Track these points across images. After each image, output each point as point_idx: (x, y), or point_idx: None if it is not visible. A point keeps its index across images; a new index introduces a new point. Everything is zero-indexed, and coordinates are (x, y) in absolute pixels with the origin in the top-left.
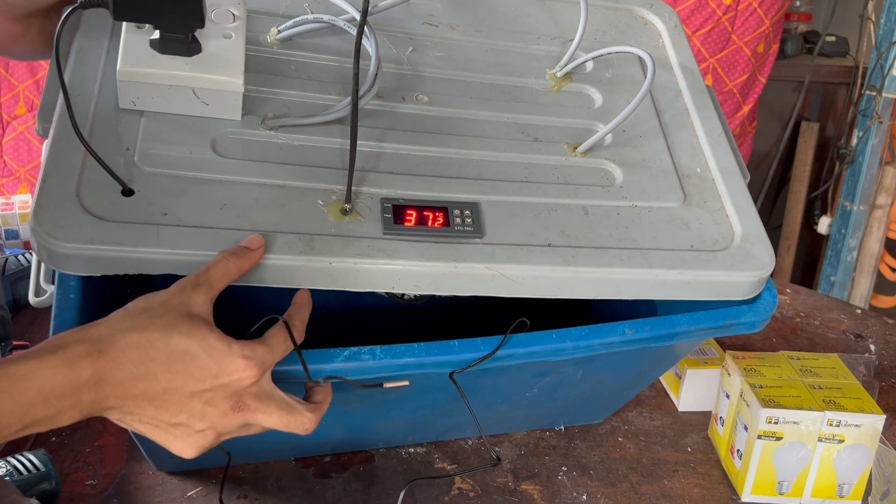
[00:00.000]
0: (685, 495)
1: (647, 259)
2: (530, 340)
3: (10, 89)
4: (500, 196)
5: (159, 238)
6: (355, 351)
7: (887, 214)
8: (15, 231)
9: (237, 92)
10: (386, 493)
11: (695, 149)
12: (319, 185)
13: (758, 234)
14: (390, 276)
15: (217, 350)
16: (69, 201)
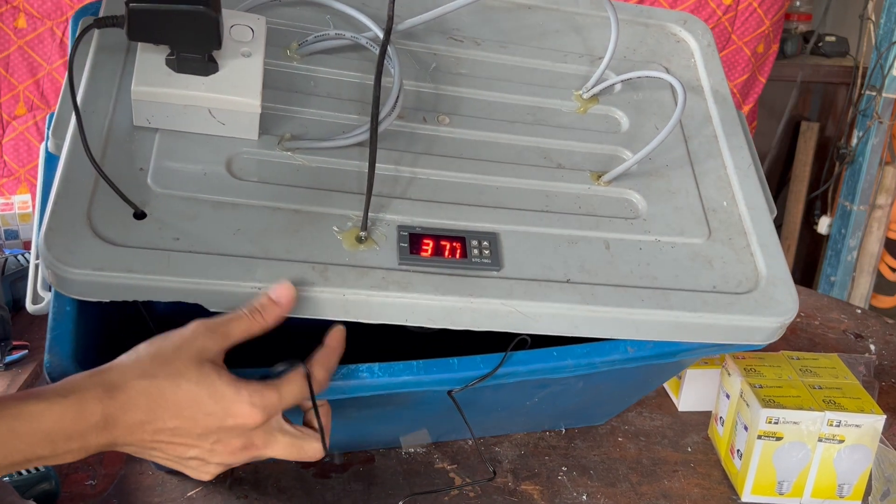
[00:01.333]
0: (685, 495)
1: (668, 300)
2: (530, 358)
3: (10, 89)
4: (519, 226)
5: (170, 265)
6: (353, 368)
7: (887, 214)
8: (15, 231)
9: (254, 113)
10: (386, 494)
11: (722, 180)
12: (335, 211)
13: (783, 277)
14: (404, 310)
15: (224, 396)
16: (80, 225)
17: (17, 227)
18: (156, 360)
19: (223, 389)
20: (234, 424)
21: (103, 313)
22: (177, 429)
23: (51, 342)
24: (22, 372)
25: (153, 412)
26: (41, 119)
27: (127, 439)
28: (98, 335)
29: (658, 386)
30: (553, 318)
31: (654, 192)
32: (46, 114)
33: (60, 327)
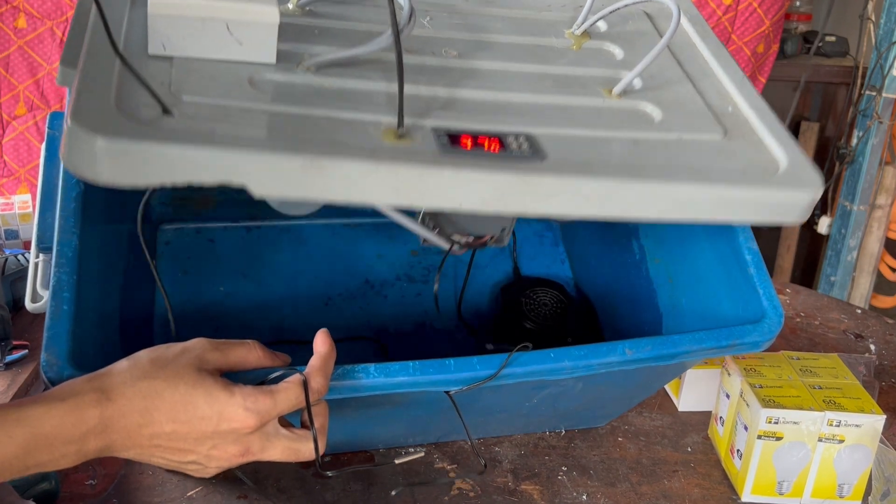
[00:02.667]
0: (685, 495)
1: (708, 177)
2: (528, 359)
3: (10, 89)
4: (549, 129)
5: (213, 138)
6: (349, 369)
7: (887, 214)
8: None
9: (273, 24)
10: (386, 494)
11: (721, 91)
12: (367, 117)
13: (802, 161)
14: (457, 191)
15: (219, 400)
16: (110, 109)
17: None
18: (155, 363)
19: (218, 393)
20: (228, 429)
21: (97, 314)
22: (173, 433)
23: (47, 341)
24: (22, 372)
25: (149, 414)
26: (41, 119)
27: (125, 443)
28: (95, 334)
29: (659, 388)
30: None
31: (665, 102)
32: (46, 114)
33: (57, 326)
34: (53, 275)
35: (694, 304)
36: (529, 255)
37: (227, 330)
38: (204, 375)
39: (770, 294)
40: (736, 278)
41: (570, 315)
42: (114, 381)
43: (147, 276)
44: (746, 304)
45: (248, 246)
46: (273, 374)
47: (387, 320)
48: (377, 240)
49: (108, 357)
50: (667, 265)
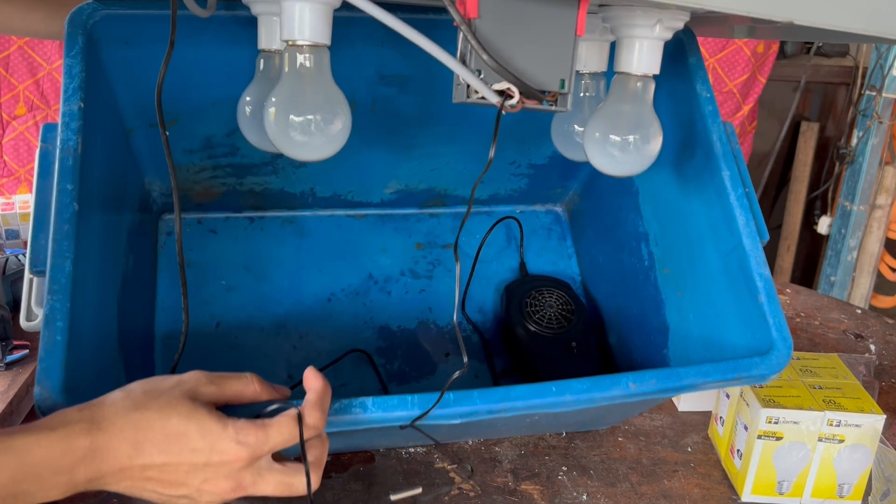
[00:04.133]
0: (685, 495)
1: None
2: (529, 393)
3: (10, 89)
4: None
5: None
6: (346, 403)
7: (887, 214)
8: (15, 231)
9: None
10: (386, 494)
11: None
12: None
13: None
14: None
15: (211, 432)
16: None
17: (17, 226)
18: (148, 394)
19: (210, 425)
20: (220, 461)
21: (94, 339)
22: (165, 465)
23: (40, 374)
24: (22, 372)
25: (141, 446)
26: (41, 119)
27: (115, 475)
28: (91, 360)
29: (664, 401)
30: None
31: None
32: (46, 114)
33: (50, 358)
34: (47, 302)
35: (702, 323)
36: (536, 249)
37: (227, 326)
38: (197, 407)
39: (780, 324)
40: (746, 303)
41: (576, 317)
42: (105, 411)
43: (147, 283)
44: (755, 332)
45: (251, 237)
46: (268, 408)
47: (389, 317)
48: (382, 232)
49: (104, 383)
50: (676, 278)
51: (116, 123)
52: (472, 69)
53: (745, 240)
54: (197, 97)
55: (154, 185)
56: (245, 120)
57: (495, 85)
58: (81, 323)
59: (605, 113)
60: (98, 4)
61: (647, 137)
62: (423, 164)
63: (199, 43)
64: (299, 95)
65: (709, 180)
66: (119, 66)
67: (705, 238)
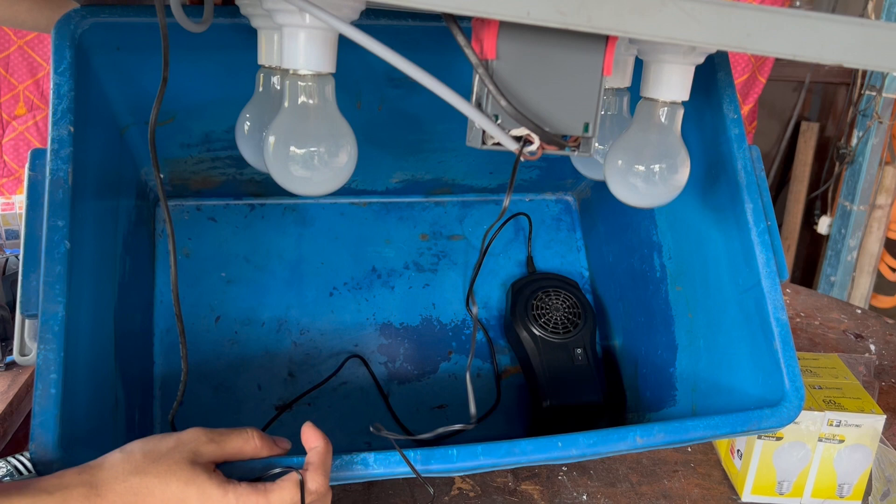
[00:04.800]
0: (685, 495)
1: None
2: (534, 449)
3: (10, 89)
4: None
5: None
6: (347, 459)
7: (887, 214)
8: (15, 231)
9: None
10: (386, 494)
11: None
12: None
13: None
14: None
15: (211, 498)
16: None
17: (17, 226)
18: (148, 457)
19: (211, 491)
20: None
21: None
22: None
23: (35, 429)
24: (22, 372)
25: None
26: (41, 119)
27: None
28: (86, 407)
29: None
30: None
31: None
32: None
33: (45, 413)
34: (39, 352)
35: (712, 355)
36: (545, 240)
37: (227, 321)
38: (198, 472)
39: (794, 374)
40: (760, 346)
41: (582, 323)
42: (104, 475)
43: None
44: (767, 378)
45: (251, 226)
46: (270, 472)
47: (392, 314)
48: (386, 221)
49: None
50: (688, 298)
51: (109, 122)
52: (489, 114)
53: (763, 280)
54: (195, 96)
55: (150, 176)
56: (244, 139)
57: (513, 131)
58: (76, 367)
59: (628, 141)
60: (85, 12)
61: (674, 168)
62: (430, 157)
63: (195, 48)
64: (301, 129)
65: (730, 211)
66: (110, 69)
67: (722, 268)
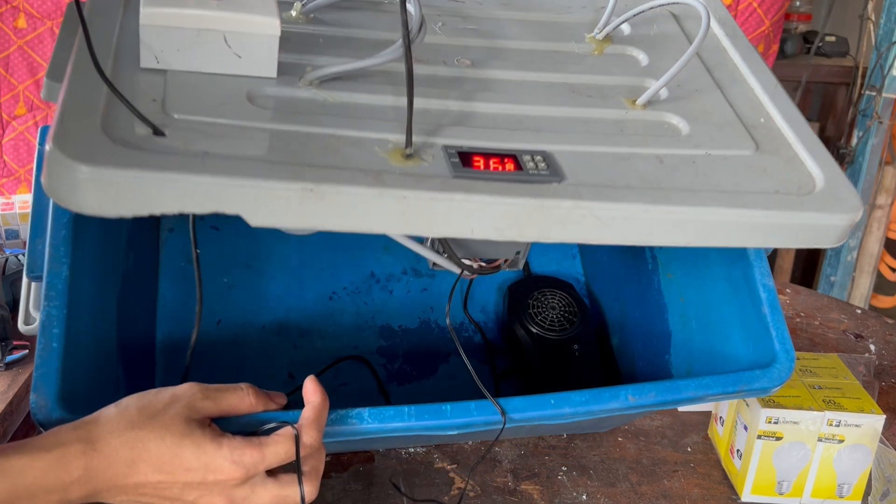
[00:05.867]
0: (685, 495)
1: (739, 199)
2: (527, 405)
3: (10, 89)
4: (568, 146)
5: (206, 165)
6: (342, 414)
7: (887, 214)
8: (15, 231)
9: (274, 36)
10: (386, 494)
11: (753, 101)
12: (373, 135)
13: (839, 178)
14: (469, 217)
15: (206, 452)
16: (95, 132)
17: (17, 226)
18: (143, 412)
19: (205, 445)
20: (214, 480)
21: (92, 345)
22: (159, 483)
23: (36, 381)
24: (22, 372)
25: (135, 465)
26: (41, 119)
27: (110, 491)
28: (89, 367)
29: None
30: (627, 221)
31: (692, 114)
32: (46, 114)
33: (46, 365)
34: (43, 308)
35: (704, 331)
36: (540, 248)
37: (229, 324)
38: (193, 426)
39: (783, 336)
40: (749, 314)
41: (579, 320)
42: (100, 430)
43: (148, 281)
44: (757, 344)
45: (253, 232)
46: (266, 426)
47: (391, 316)
48: None
49: (102, 391)
50: (679, 283)
51: None
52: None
53: (749, 250)
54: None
55: None
56: None
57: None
58: (79, 329)
59: None
60: None
61: None
62: None
63: None
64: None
65: None
66: None
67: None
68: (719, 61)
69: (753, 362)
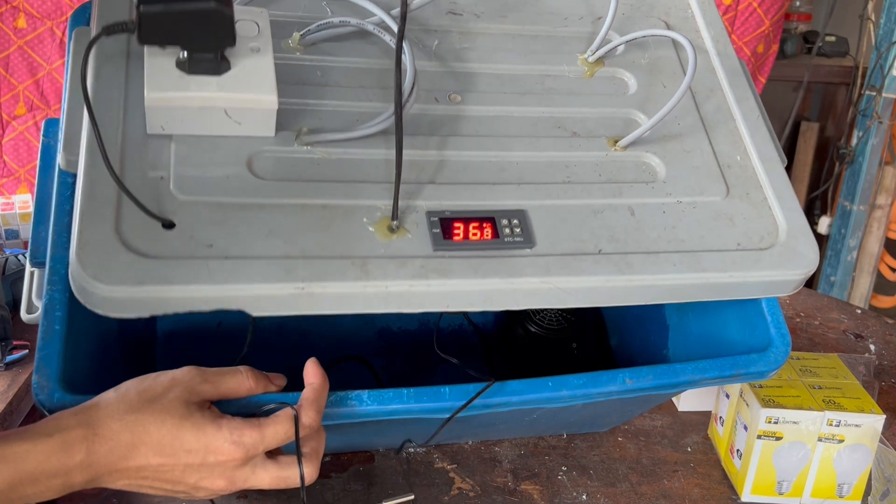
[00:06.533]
0: (685, 495)
1: (698, 262)
2: (525, 388)
3: (10, 89)
4: (545, 200)
5: (209, 273)
6: (342, 396)
7: (887, 214)
8: (15, 231)
9: (271, 109)
10: (386, 494)
11: (733, 134)
12: (363, 202)
13: (801, 228)
14: (444, 297)
15: (206, 433)
16: (110, 240)
17: (17, 226)
18: (142, 396)
19: (205, 426)
20: (215, 461)
21: (93, 332)
22: (160, 466)
23: (38, 363)
24: (22, 372)
25: (136, 448)
26: (41, 119)
27: (111, 475)
28: (91, 351)
29: (665, 401)
30: (590, 290)
31: (670, 153)
32: (46, 114)
33: (48, 347)
34: (46, 292)
35: (701, 321)
36: None
37: (229, 325)
38: (192, 409)
39: (778, 321)
40: (745, 302)
41: (576, 319)
42: (101, 414)
43: None
44: (753, 329)
45: None
46: (265, 407)
47: (390, 318)
48: None
49: (102, 377)
50: None
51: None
52: None
53: None
54: None
55: None
56: None
57: None
58: (81, 312)
59: None
60: None
61: None
62: None
63: None
64: None
65: None
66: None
67: None
68: (705, 83)
69: (750, 347)
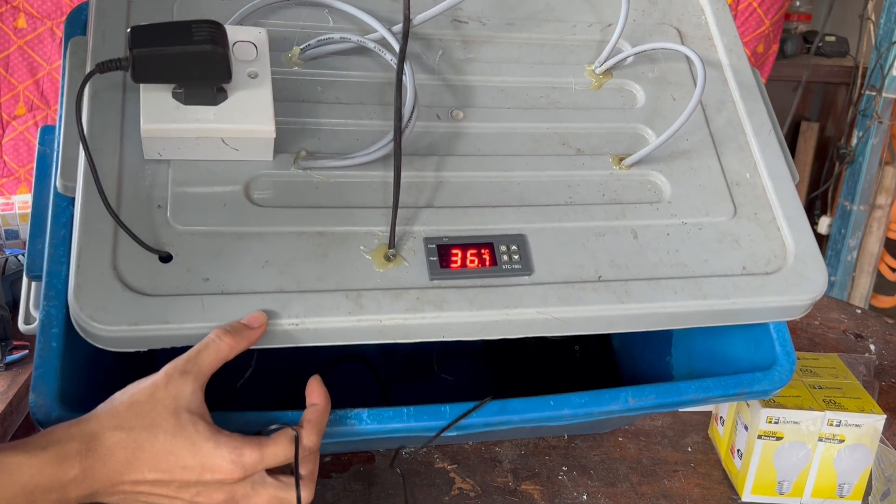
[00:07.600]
0: (685, 495)
1: (700, 289)
2: (526, 407)
3: (10, 89)
4: (545, 223)
5: (205, 310)
6: (341, 414)
7: (887, 214)
8: (15, 231)
9: (269, 138)
10: (386, 494)
11: (743, 149)
12: (360, 229)
13: (811, 251)
14: (440, 328)
15: (202, 450)
16: (107, 277)
17: (17, 226)
18: (130, 409)
19: (201, 443)
20: (212, 479)
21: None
22: (156, 481)
23: (35, 381)
24: (22, 372)
25: (131, 464)
26: (41, 119)
27: (108, 490)
28: (86, 370)
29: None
30: (588, 320)
31: (676, 171)
32: (46, 114)
33: (45, 365)
34: (42, 308)
35: (705, 333)
36: None
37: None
38: (184, 421)
39: (784, 339)
40: None
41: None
42: (93, 429)
43: None
44: (758, 346)
45: None
46: (267, 428)
47: None
48: None
49: (102, 392)
50: None
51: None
52: None
53: None
54: None
55: None
56: None
57: None
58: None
59: None
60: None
61: None
62: None
63: None
64: None
65: None
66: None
67: None
68: (717, 94)
69: (754, 364)
